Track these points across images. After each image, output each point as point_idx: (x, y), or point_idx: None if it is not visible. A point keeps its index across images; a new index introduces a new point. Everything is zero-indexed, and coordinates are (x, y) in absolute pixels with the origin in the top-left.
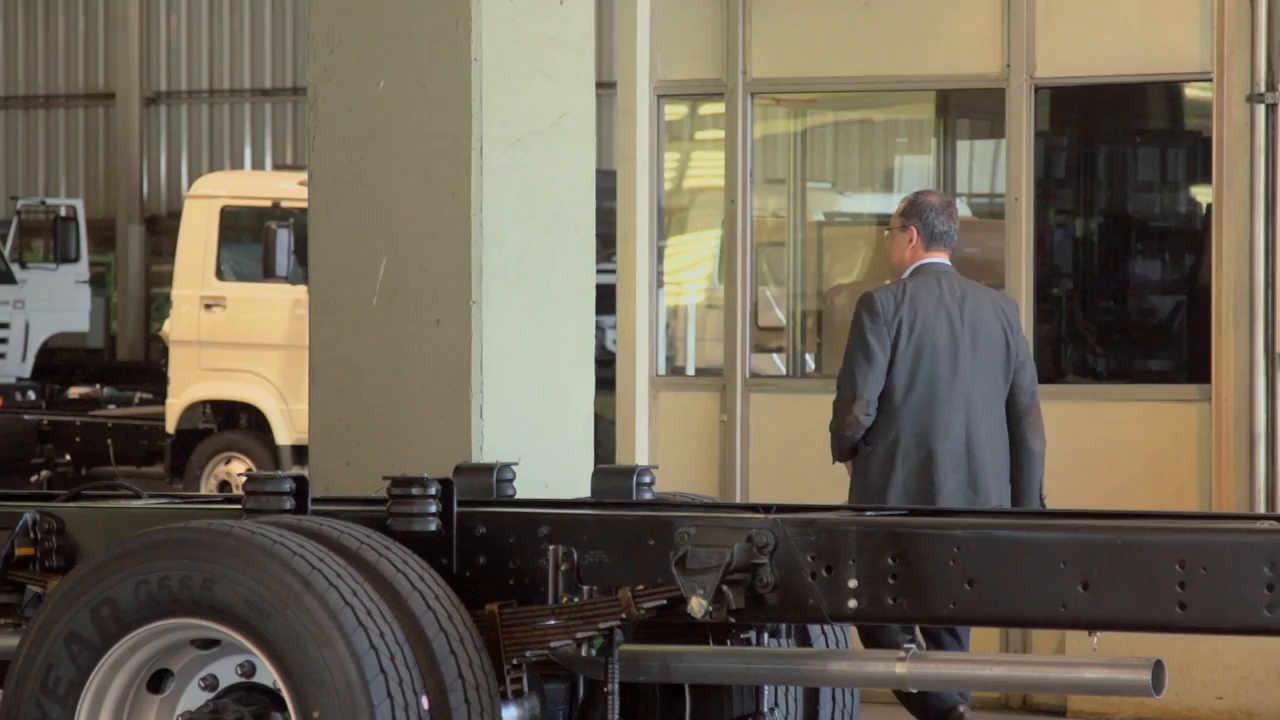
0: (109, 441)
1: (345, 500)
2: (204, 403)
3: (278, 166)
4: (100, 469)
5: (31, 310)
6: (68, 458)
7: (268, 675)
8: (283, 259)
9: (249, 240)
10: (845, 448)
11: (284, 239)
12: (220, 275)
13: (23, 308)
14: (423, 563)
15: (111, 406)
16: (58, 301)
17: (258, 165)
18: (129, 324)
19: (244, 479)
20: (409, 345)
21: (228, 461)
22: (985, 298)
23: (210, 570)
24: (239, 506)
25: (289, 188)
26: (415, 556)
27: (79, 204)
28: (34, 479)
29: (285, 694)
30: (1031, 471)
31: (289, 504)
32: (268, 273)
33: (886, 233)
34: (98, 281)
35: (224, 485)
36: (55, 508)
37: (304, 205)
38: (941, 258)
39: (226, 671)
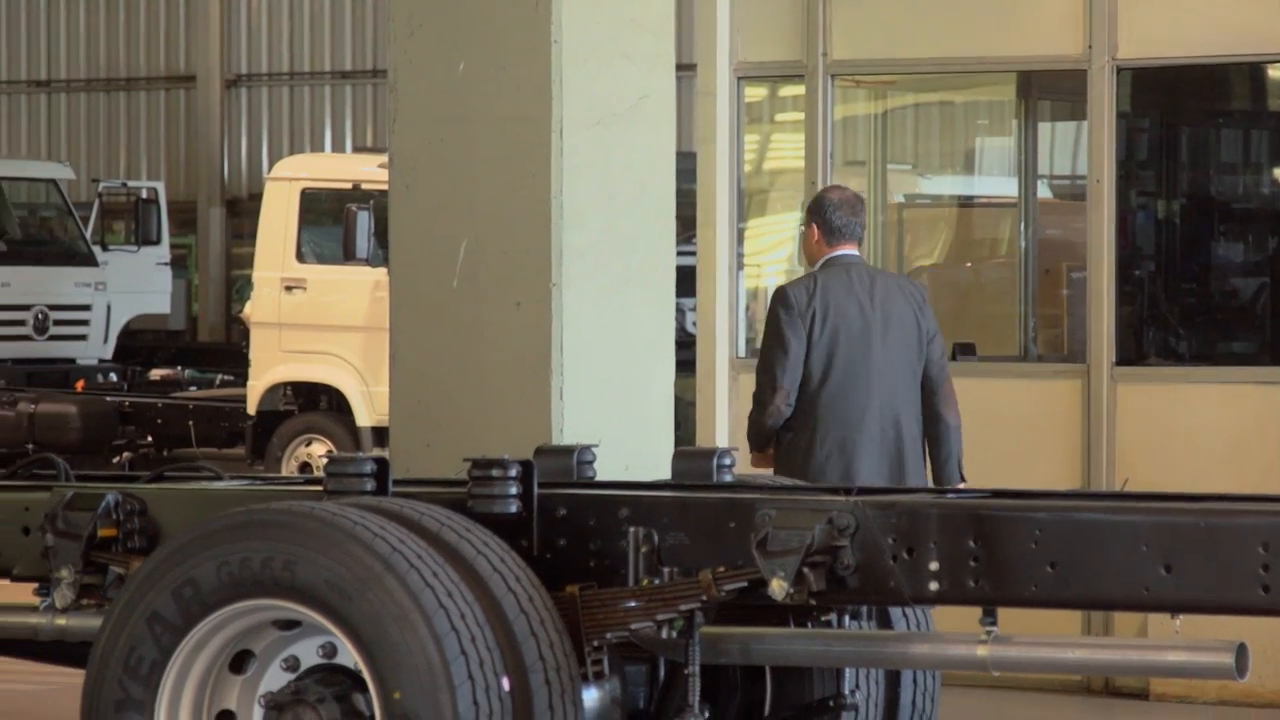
0: (190, 423)
1: (426, 482)
2: (285, 384)
3: (358, 149)
4: (182, 451)
5: (113, 292)
6: (149, 439)
7: (349, 657)
8: (363, 241)
9: (329, 223)
10: (765, 438)
11: (364, 221)
12: (301, 258)
13: (104, 290)
14: (503, 544)
15: (193, 388)
16: (139, 283)
17: (338, 148)
18: (210, 306)
19: (325, 461)
20: (489, 327)
21: (308, 443)
22: (893, 282)
23: (292, 552)
24: (320, 488)
25: (369, 170)
26: (496, 538)
27: (160, 186)
28: (116, 460)
29: (366, 675)
30: (949, 445)
31: (370, 486)
32: (348, 255)
33: (801, 229)
34: (179, 264)
35: (305, 467)
36: (137, 489)
37: (384, 187)
38: (848, 249)
39: (308, 653)
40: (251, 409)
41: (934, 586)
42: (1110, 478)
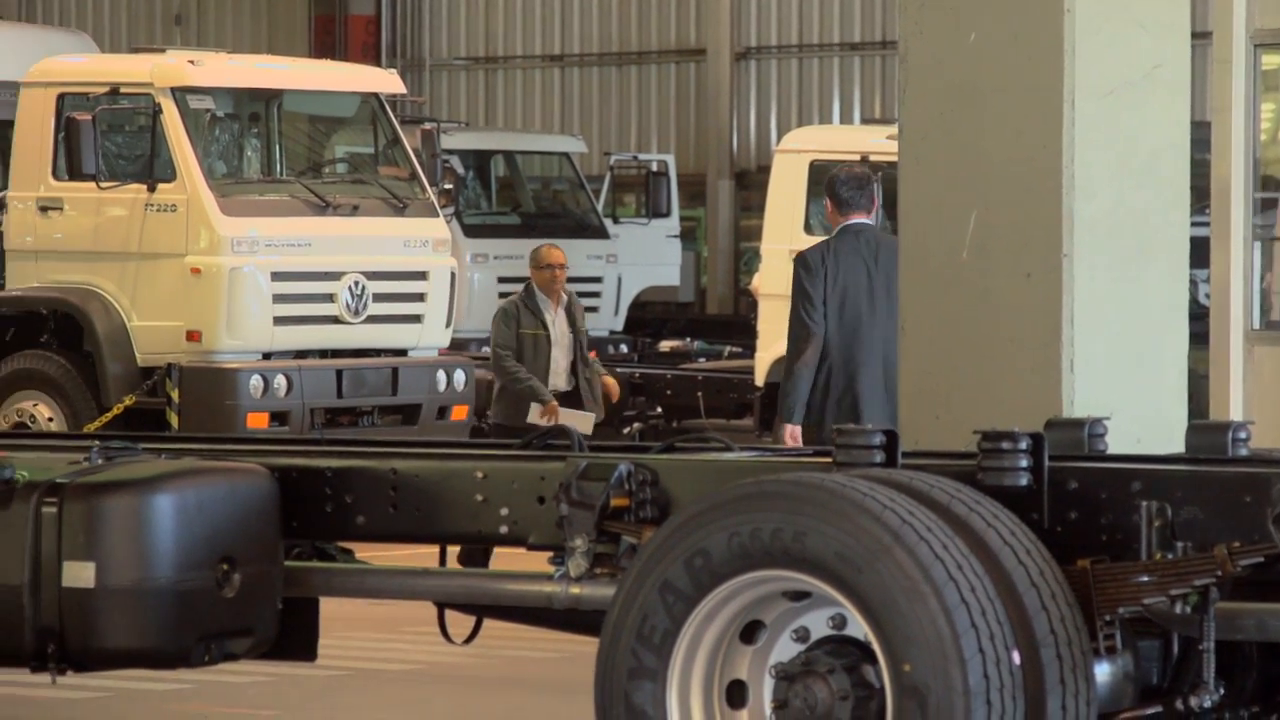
0: (699, 394)
1: (934, 454)
2: None
3: (866, 120)
4: (691, 422)
5: (623, 265)
6: (659, 410)
7: (858, 628)
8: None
9: None
10: (799, 400)
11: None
12: (809, 229)
13: (615, 262)
14: (1013, 517)
15: (701, 360)
16: (649, 256)
17: (846, 120)
18: (718, 278)
19: (833, 432)
20: (999, 299)
21: None
22: (896, 246)
23: (801, 523)
24: (829, 460)
25: (878, 142)
26: (1006, 511)
27: (670, 159)
28: (626, 431)
29: (876, 647)
30: None
31: (879, 457)
32: None
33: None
34: (688, 236)
35: None
36: (649, 459)
37: (893, 159)
38: (859, 218)
39: (818, 624)
40: (760, 380)
41: None
42: None
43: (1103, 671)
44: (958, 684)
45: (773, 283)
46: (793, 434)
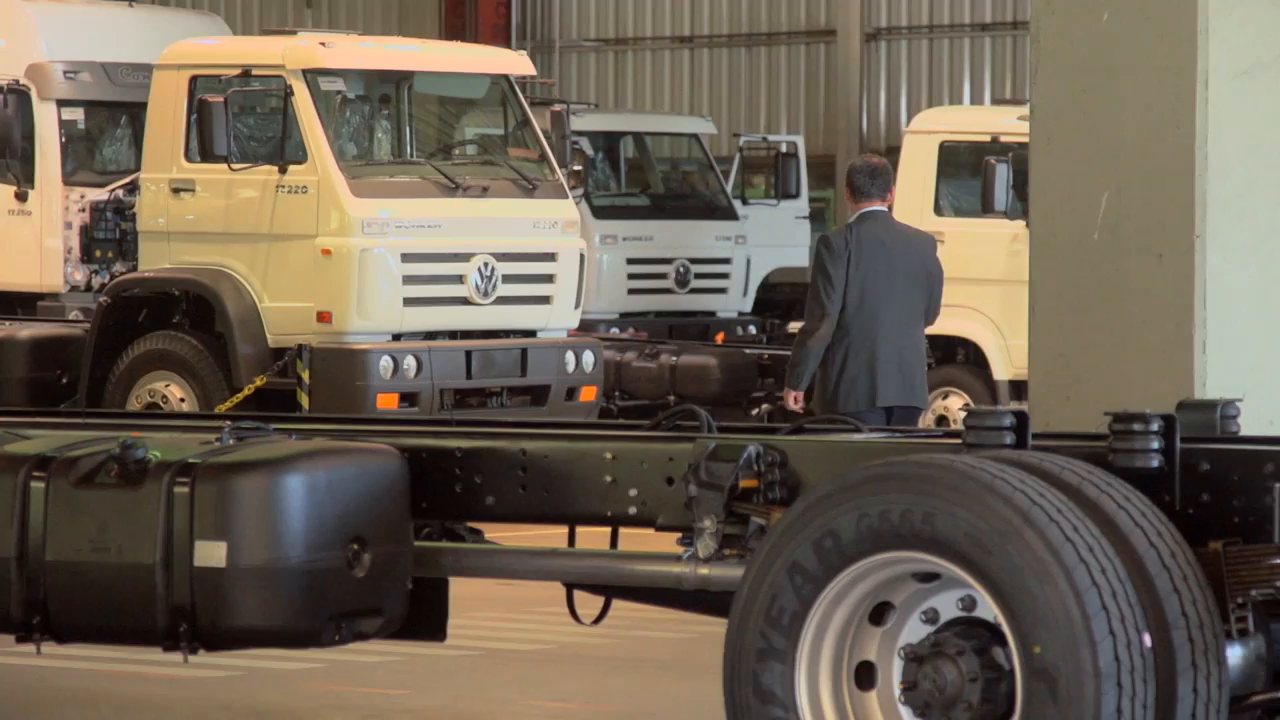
0: None
1: (1065, 435)
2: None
3: (996, 101)
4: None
5: (752, 246)
6: None
7: (988, 610)
8: (1001, 194)
9: (967, 175)
10: (808, 368)
11: (1003, 174)
12: (938, 210)
13: (744, 243)
14: (1144, 499)
15: None
16: (778, 237)
17: (976, 100)
18: None
19: (964, 414)
20: (1130, 280)
21: (945, 396)
22: (910, 233)
23: (931, 504)
24: (959, 441)
25: (1008, 122)
26: (1137, 493)
27: (800, 140)
28: (754, 413)
29: (1006, 629)
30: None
31: (1009, 439)
32: (986, 207)
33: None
34: (817, 217)
35: (941, 420)
36: (778, 441)
37: (1023, 139)
38: (876, 205)
39: (947, 606)
40: None
41: None
42: None
43: (1234, 654)
44: (1088, 666)
45: None
46: (796, 398)
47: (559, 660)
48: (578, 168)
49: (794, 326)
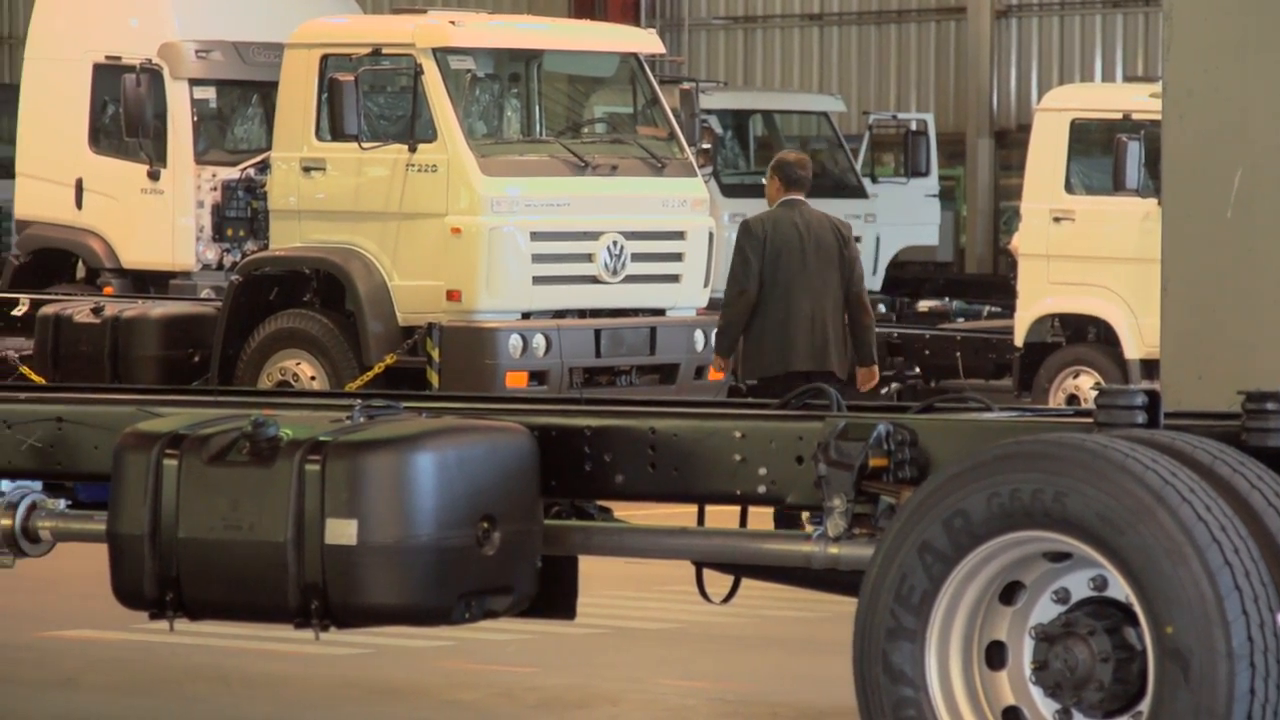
0: (957, 354)
1: (1197, 415)
2: (1052, 316)
3: (1128, 79)
4: (949, 382)
5: (882, 224)
6: (917, 370)
7: (1119, 590)
8: (1133, 171)
9: (1098, 153)
10: (732, 339)
11: (1134, 151)
12: (1069, 188)
13: (874, 221)
14: (1278, 479)
15: (960, 320)
16: (908, 215)
17: (1108, 78)
18: (977, 238)
19: (1094, 393)
20: (1263, 258)
21: (1075, 375)
22: (825, 219)
23: (1062, 484)
24: (1089, 420)
25: (1140, 100)
26: (1271, 472)
27: (930, 118)
28: (884, 391)
29: (1138, 609)
30: (865, 336)
31: (1141, 418)
32: (1117, 185)
33: (764, 181)
34: (947, 195)
35: (1072, 399)
36: (908, 419)
37: (1155, 117)
38: (796, 195)
39: (1078, 585)
40: (1019, 340)
41: None
42: None
43: None
44: (1221, 646)
45: (1033, 242)
46: (726, 364)
47: (688, 639)
48: (706, 146)
49: (924, 305)
